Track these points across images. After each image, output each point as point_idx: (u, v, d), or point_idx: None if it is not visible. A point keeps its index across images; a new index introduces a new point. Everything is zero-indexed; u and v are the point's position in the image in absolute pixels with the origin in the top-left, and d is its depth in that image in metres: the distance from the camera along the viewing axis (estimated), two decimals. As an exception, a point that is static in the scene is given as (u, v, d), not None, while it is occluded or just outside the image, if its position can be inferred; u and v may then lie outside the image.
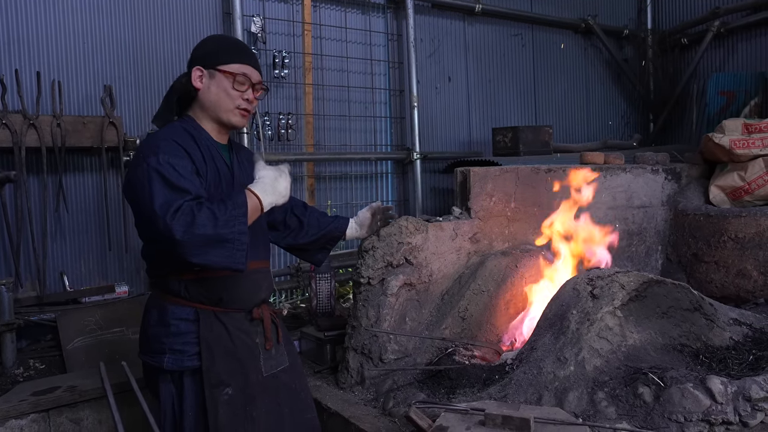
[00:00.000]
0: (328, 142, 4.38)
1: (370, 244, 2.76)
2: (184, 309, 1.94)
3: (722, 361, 2.34)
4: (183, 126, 1.98)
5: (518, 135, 4.32)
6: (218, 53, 1.99)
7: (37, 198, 3.31)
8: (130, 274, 3.64)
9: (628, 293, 2.44)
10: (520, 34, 5.31)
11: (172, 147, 1.84)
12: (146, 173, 1.77)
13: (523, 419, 1.82)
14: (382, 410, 2.48)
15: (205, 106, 2.00)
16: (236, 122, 2.02)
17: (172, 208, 1.69)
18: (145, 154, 1.83)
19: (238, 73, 1.96)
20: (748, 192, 3.69)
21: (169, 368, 1.92)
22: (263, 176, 1.89)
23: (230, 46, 2.06)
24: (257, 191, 1.84)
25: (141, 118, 3.66)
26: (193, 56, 2.03)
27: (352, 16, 4.47)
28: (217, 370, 1.92)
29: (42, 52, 3.38)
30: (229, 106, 1.98)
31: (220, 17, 3.93)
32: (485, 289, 2.95)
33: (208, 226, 1.68)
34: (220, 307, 1.96)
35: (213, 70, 1.97)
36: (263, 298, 2.11)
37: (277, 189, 1.88)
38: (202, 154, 1.93)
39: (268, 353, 2.06)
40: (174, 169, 1.78)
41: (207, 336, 1.93)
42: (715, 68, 5.41)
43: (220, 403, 1.91)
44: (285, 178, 1.92)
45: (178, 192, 1.74)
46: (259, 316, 2.05)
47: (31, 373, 3.08)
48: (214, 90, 1.97)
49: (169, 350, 1.92)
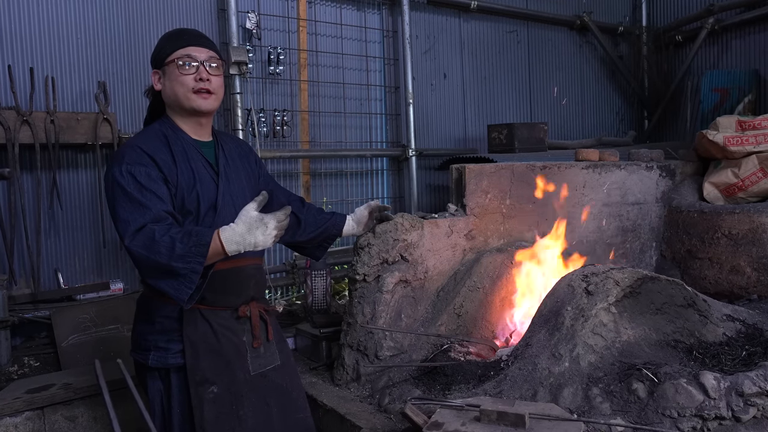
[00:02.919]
0: (324, 139, 4.38)
1: (365, 241, 2.76)
2: (169, 307, 1.93)
3: (715, 356, 2.35)
4: (159, 127, 1.97)
5: (513, 132, 4.33)
6: (164, 48, 1.99)
7: (31, 195, 3.29)
8: (125, 271, 3.63)
9: (623, 290, 2.45)
10: (516, 30, 5.32)
11: (135, 155, 1.84)
12: (111, 186, 1.81)
13: (518, 415, 1.82)
14: (377, 407, 2.49)
15: (170, 103, 1.99)
16: (199, 105, 1.95)
17: (131, 227, 1.72)
18: (111, 164, 1.86)
19: (179, 56, 1.94)
20: (741, 189, 3.71)
21: (153, 365, 1.93)
22: (238, 222, 1.76)
23: (172, 36, 2.03)
24: (223, 238, 1.73)
25: (135, 115, 3.65)
26: (150, 62, 2.04)
27: (348, 13, 4.46)
28: (201, 368, 1.92)
29: (35, 48, 3.36)
30: (184, 92, 1.94)
31: (215, 13, 3.91)
32: (480, 285, 2.95)
33: (163, 255, 1.67)
34: (204, 305, 1.94)
35: (164, 67, 1.97)
36: (252, 295, 2.08)
37: (247, 240, 1.74)
38: (173, 158, 1.90)
39: (257, 351, 2.04)
40: (135, 179, 1.79)
41: (191, 334, 1.92)
42: (710, 65, 5.43)
43: (205, 401, 1.91)
44: (263, 231, 1.75)
45: (137, 207, 1.75)
46: (246, 314, 2.03)
47: (25, 370, 3.08)
48: (168, 84, 1.96)
49: (154, 347, 1.93)
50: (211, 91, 1.97)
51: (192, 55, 1.95)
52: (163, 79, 1.97)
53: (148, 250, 1.68)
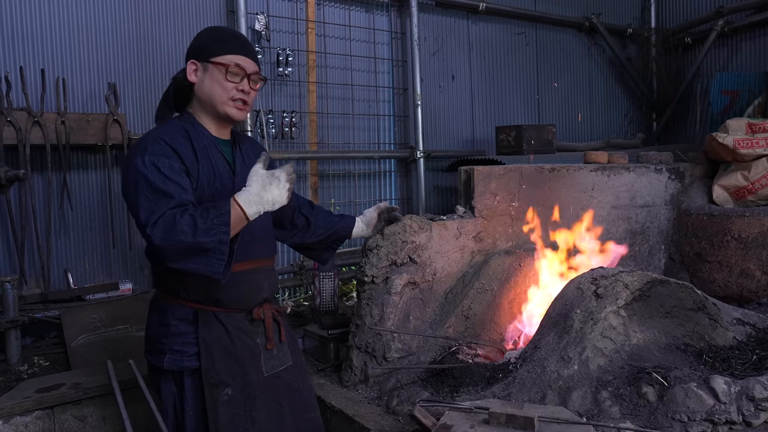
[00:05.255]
0: (332, 140, 4.38)
1: (374, 243, 2.76)
2: (184, 309, 1.93)
3: (726, 360, 2.34)
4: (180, 122, 1.96)
5: (522, 134, 4.32)
6: (211, 45, 1.96)
7: (42, 195, 3.31)
8: (134, 271, 3.65)
9: (632, 293, 2.44)
10: (524, 32, 5.31)
11: (158, 147, 1.83)
12: (133, 177, 1.79)
13: (527, 418, 1.82)
14: (385, 408, 2.49)
15: (201, 99, 1.97)
16: (233, 114, 1.97)
17: (154, 215, 1.70)
18: (133, 155, 1.83)
19: (230, 63, 1.92)
20: (751, 192, 3.69)
21: (168, 368, 1.92)
22: (251, 183, 1.78)
23: (224, 37, 2.01)
24: (241, 201, 1.74)
25: (145, 116, 3.66)
26: (188, 50, 2.00)
27: (356, 14, 4.47)
28: (216, 370, 1.91)
29: (46, 50, 3.38)
30: (223, 97, 1.94)
31: (224, 15, 3.93)
32: (489, 288, 2.95)
33: (187, 234, 1.66)
34: (218, 308, 1.94)
35: (206, 63, 1.94)
36: (265, 297, 2.07)
37: (264, 197, 1.76)
38: (194, 152, 1.89)
39: (270, 353, 2.03)
40: (159, 171, 1.77)
41: (206, 336, 1.91)
42: (719, 67, 5.40)
43: (219, 404, 1.90)
44: (277, 184, 1.78)
45: (161, 197, 1.74)
46: (260, 316, 2.02)
47: (35, 370, 3.10)
48: (207, 83, 1.94)
49: (168, 350, 1.92)
50: (247, 102, 1.99)
51: (242, 65, 1.95)
52: (202, 74, 1.95)
53: (171, 233, 1.66)
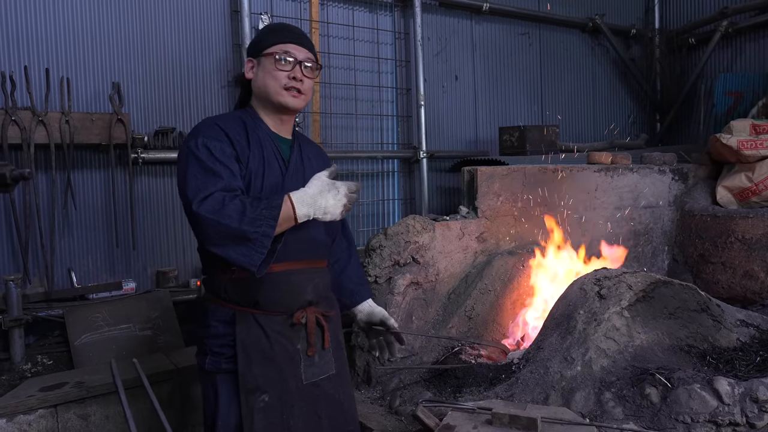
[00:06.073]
0: (335, 140, 4.38)
1: (377, 243, 2.76)
2: (223, 310, 1.87)
3: (729, 362, 2.34)
4: (239, 114, 1.96)
5: (525, 134, 4.32)
6: (262, 40, 1.96)
7: (46, 194, 3.32)
8: (137, 270, 3.65)
9: (636, 294, 2.44)
10: (527, 32, 5.30)
11: (212, 131, 1.83)
12: (184, 158, 1.79)
13: (531, 419, 1.82)
14: (388, 408, 2.49)
15: (258, 94, 1.96)
16: (289, 102, 1.93)
17: (202, 193, 1.67)
18: (187, 139, 1.84)
19: (279, 51, 1.91)
20: (755, 193, 3.68)
21: (209, 369, 1.86)
22: (310, 185, 1.76)
23: (274, 29, 2.01)
24: (294, 199, 1.72)
25: (149, 115, 3.67)
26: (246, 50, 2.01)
27: (360, 14, 4.47)
28: (253, 374, 1.83)
29: (51, 49, 3.39)
30: (276, 87, 1.92)
31: (228, 15, 3.93)
32: (492, 288, 2.95)
33: (233, 219, 1.63)
34: (257, 309, 1.85)
35: (260, 57, 1.94)
36: (309, 300, 1.94)
37: (318, 202, 1.73)
38: (248, 140, 1.87)
39: (311, 360, 1.91)
40: (210, 152, 1.76)
41: (244, 339, 1.83)
42: (723, 68, 5.39)
43: (255, 410, 1.81)
44: (335, 194, 1.75)
45: (210, 176, 1.72)
46: (301, 321, 1.90)
47: (38, 368, 3.10)
48: (261, 75, 1.94)
49: (209, 351, 1.87)
50: (302, 91, 1.95)
51: (291, 52, 1.93)
52: (257, 69, 1.95)
53: (218, 215, 1.64)
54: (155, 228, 3.70)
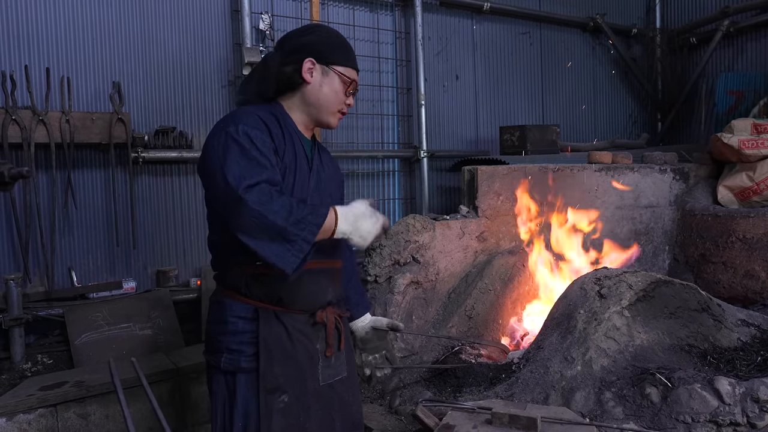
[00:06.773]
0: (335, 140, 4.38)
1: (377, 242, 2.76)
2: (244, 306, 1.81)
3: (730, 362, 2.33)
4: (270, 109, 1.89)
5: (526, 134, 4.31)
6: (333, 50, 1.90)
7: (46, 194, 3.32)
8: (138, 270, 3.65)
9: (636, 293, 2.44)
10: (528, 32, 5.30)
11: (252, 120, 1.76)
12: (223, 141, 1.70)
13: (530, 418, 1.82)
14: (388, 408, 2.49)
15: (308, 101, 1.90)
16: (334, 123, 1.95)
17: (247, 181, 1.61)
18: (224, 124, 1.75)
19: (351, 79, 1.91)
20: (756, 192, 3.67)
21: (225, 368, 1.80)
22: (355, 205, 1.76)
23: (344, 45, 1.96)
24: (339, 212, 1.70)
25: (149, 115, 3.67)
26: (300, 43, 1.89)
27: (360, 14, 4.47)
28: (274, 373, 1.78)
29: (51, 49, 3.39)
30: (333, 108, 1.91)
31: (229, 14, 3.93)
32: (492, 287, 2.95)
33: (279, 216, 1.58)
34: (280, 307, 1.82)
35: (327, 68, 1.88)
36: (329, 300, 1.92)
37: (359, 224, 1.73)
38: (283, 135, 1.83)
39: (328, 360, 1.89)
40: (251, 141, 1.70)
41: (267, 336, 1.78)
42: (724, 68, 5.38)
43: (274, 411, 1.77)
44: (373, 223, 1.75)
45: (254, 164, 1.66)
46: (323, 320, 1.88)
47: (38, 368, 3.10)
48: (326, 89, 1.89)
49: (226, 349, 1.80)
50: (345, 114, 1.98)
51: (356, 81, 1.94)
52: (319, 77, 1.88)
53: (265, 208, 1.58)
54: (155, 227, 3.71)
